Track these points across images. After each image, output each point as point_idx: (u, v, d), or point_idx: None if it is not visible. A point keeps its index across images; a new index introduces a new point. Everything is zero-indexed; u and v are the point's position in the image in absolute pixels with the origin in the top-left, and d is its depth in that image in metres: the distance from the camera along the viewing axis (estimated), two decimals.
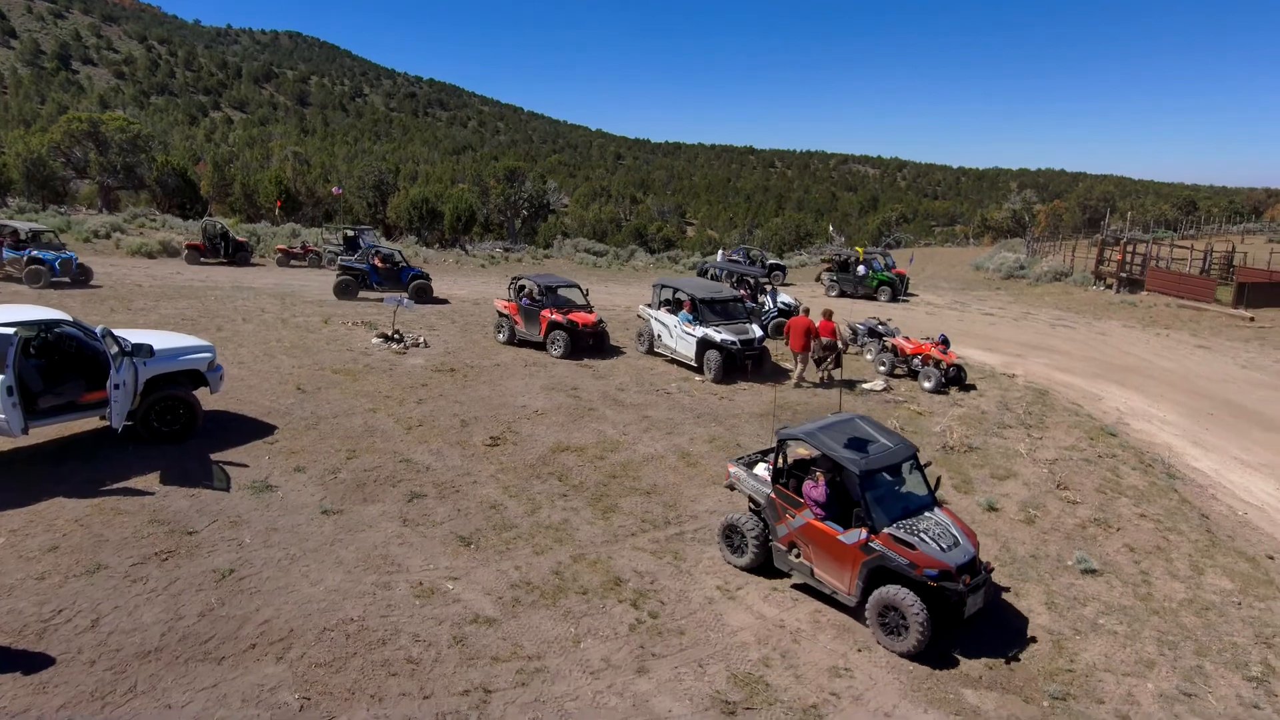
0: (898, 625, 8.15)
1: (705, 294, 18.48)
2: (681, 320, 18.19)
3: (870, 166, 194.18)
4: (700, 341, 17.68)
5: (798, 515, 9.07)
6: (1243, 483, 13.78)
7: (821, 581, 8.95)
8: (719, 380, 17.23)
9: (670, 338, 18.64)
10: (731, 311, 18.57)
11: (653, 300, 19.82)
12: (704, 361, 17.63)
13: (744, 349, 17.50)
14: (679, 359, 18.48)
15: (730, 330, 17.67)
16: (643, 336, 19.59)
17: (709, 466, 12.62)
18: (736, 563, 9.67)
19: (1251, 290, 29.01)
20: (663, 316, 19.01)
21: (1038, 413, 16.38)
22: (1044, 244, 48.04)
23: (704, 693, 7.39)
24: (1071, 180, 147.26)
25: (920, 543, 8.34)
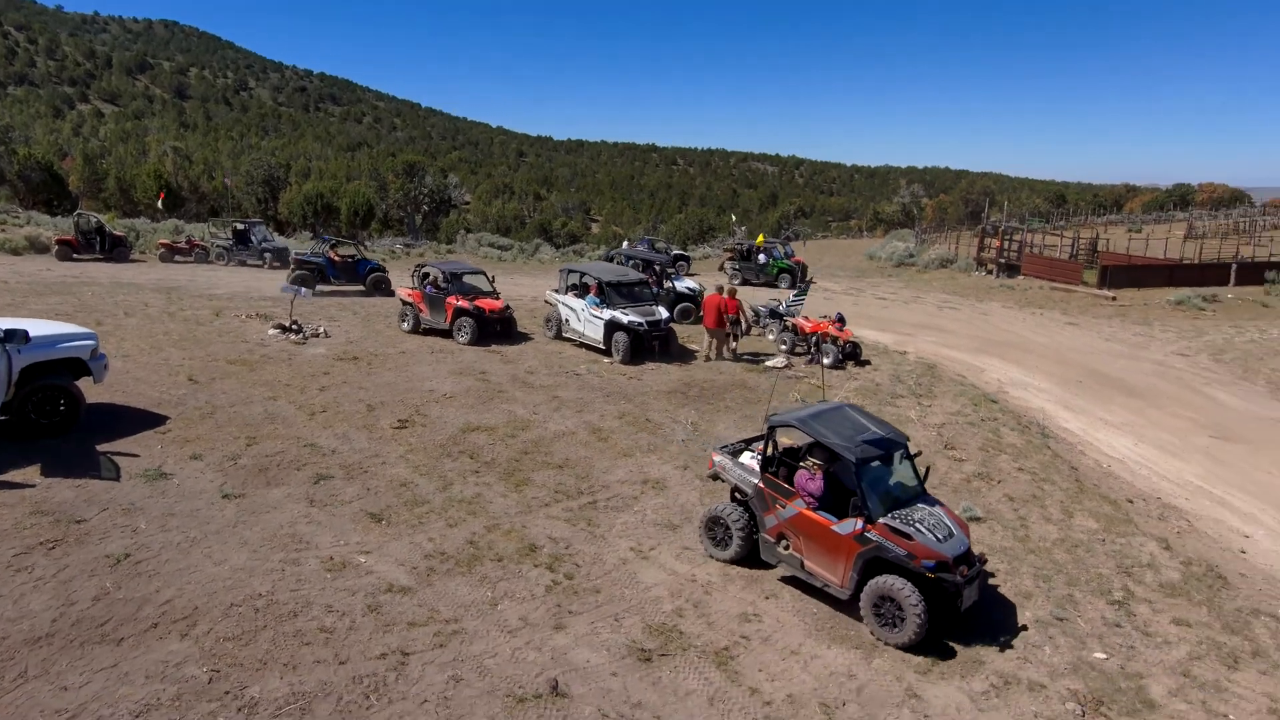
0: (894, 617, 7.91)
1: (611, 277, 18.70)
2: (589, 304, 18.30)
3: (769, 164, 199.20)
4: (608, 324, 17.85)
5: (789, 505, 8.73)
6: (1106, 440, 15.05)
7: (812, 574, 8.61)
8: (627, 362, 17.44)
9: (578, 322, 18.73)
10: (638, 294, 18.80)
11: (560, 286, 19.86)
12: (612, 343, 17.81)
13: (651, 330, 17.77)
14: (587, 342, 18.56)
15: (637, 312, 17.90)
16: (550, 322, 19.60)
17: (619, 441, 12.86)
18: (719, 556, 9.30)
19: (1113, 273, 31.49)
20: (570, 301, 19.06)
21: (927, 383, 17.38)
22: (931, 234, 50.60)
23: (621, 643, 7.61)
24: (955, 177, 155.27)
25: (917, 533, 8.09)
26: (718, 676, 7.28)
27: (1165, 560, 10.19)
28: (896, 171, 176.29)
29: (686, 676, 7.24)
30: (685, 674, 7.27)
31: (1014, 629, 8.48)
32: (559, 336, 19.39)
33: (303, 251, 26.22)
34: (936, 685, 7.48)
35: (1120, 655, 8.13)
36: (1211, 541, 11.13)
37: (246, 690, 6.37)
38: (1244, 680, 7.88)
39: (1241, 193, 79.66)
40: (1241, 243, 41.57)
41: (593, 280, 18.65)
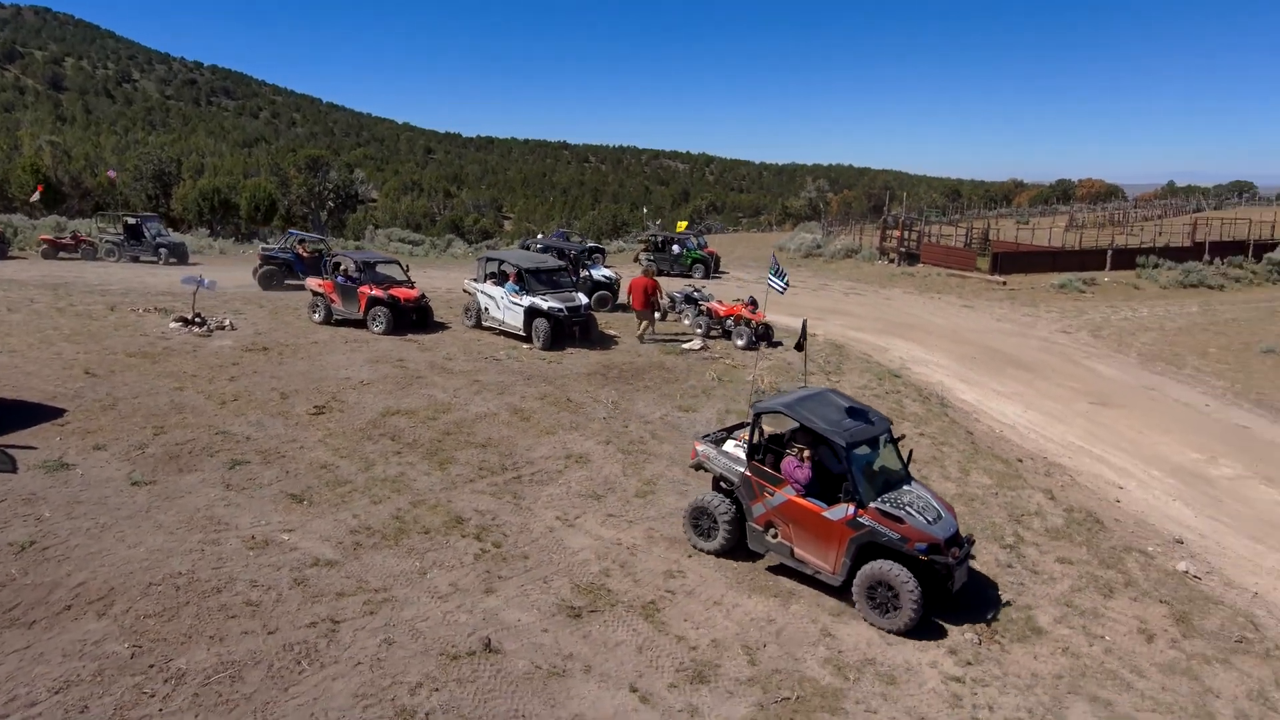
0: (888, 601, 7.84)
1: (530, 264, 18.61)
2: (508, 291, 18.23)
3: (680, 162, 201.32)
4: (527, 311, 17.82)
5: (777, 492, 8.57)
6: (998, 408, 16.13)
7: (803, 561, 8.50)
8: (548, 348, 17.48)
9: (498, 310, 18.60)
10: (557, 281, 18.78)
11: (478, 274, 19.67)
12: (532, 330, 17.81)
13: (570, 316, 17.83)
14: (507, 330, 18.45)
15: (556, 298, 17.91)
16: (469, 311, 19.41)
17: (541, 420, 13.01)
18: (704, 547, 9.09)
19: (1004, 260, 33.43)
20: (489, 289, 18.90)
21: (836, 361, 18.19)
22: (837, 227, 52.43)
23: (550, 603, 7.82)
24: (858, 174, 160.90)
25: (908, 516, 8.04)
26: (645, 628, 7.58)
27: (1050, 509, 11.09)
28: (803, 169, 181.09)
29: (615, 629, 7.51)
30: (614, 627, 7.55)
31: None
32: (478, 325, 19.17)
33: (270, 247, 25.74)
34: (848, 625, 7.99)
35: (1012, 591, 8.86)
36: (1090, 493, 12.16)
37: (172, 663, 6.28)
38: (1118, 607, 8.72)
39: (1116, 188, 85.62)
40: (1116, 233, 44.76)
41: (512, 268, 18.55)
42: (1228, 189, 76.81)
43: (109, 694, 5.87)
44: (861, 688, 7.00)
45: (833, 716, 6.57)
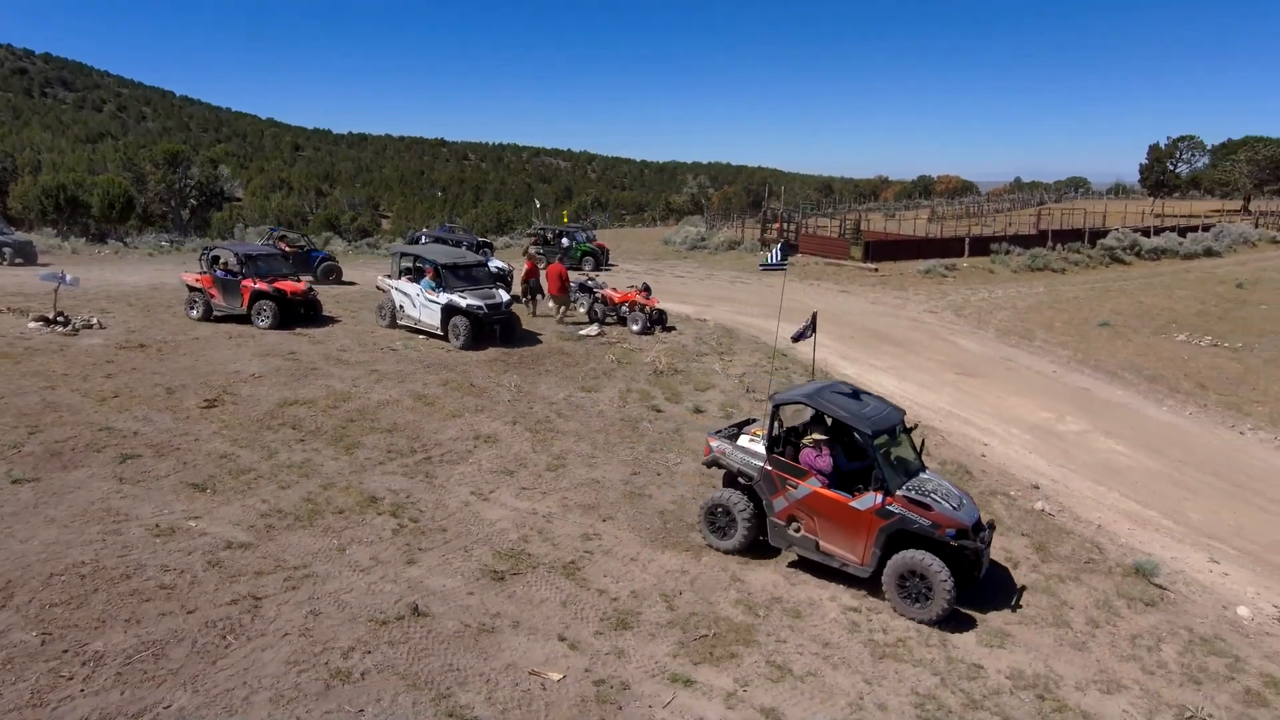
0: (920, 591, 7.75)
1: (448, 260, 17.66)
2: (424, 288, 17.32)
3: (562, 160, 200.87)
4: (445, 309, 16.95)
5: (801, 485, 8.37)
6: (877, 380, 17.36)
7: (829, 554, 8.32)
8: (469, 347, 16.58)
9: (414, 308, 17.64)
10: (476, 276, 17.90)
11: (392, 270, 18.65)
12: (450, 329, 16.96)
13: (491, 314, 16.90)
14: (425, 329, 17.51)
15: (476, 295, 17.02)
16: (383, 309, 18.36)
17: (446, 405, 13.05)
18: (722, 545, 8.85)
19: (875, 248, 35.57)
20: (404, 286, 17.87)
21: (726, 343, 19.02)
22: (719, 221, 54.07)
23: (473, 569, 8.03)
24: (736, 171, 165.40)
25: (935, 503, 7.98)
26: (568, 585, 7.92)
27: (927, 464, 12.16)
28: (683, 166, 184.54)
29: (539, 588, 7.82)
30: (538, 586, 7.84)
31: None
32: (394, 324, 18.11)
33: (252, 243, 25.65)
34: (755, 571, 8.61)
35: None
36: (960, 449, 13.38)
37: (88, 646, 6.11)
38: None
39: (971, 184, 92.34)
40: (972, 223, 48.38)
41: (428, 263, 17.61)
42: (1065, 184, 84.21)
43: (22, 680, 5.68)
44: (771, 622, 7.61)
45: (747, 648, 7.13)
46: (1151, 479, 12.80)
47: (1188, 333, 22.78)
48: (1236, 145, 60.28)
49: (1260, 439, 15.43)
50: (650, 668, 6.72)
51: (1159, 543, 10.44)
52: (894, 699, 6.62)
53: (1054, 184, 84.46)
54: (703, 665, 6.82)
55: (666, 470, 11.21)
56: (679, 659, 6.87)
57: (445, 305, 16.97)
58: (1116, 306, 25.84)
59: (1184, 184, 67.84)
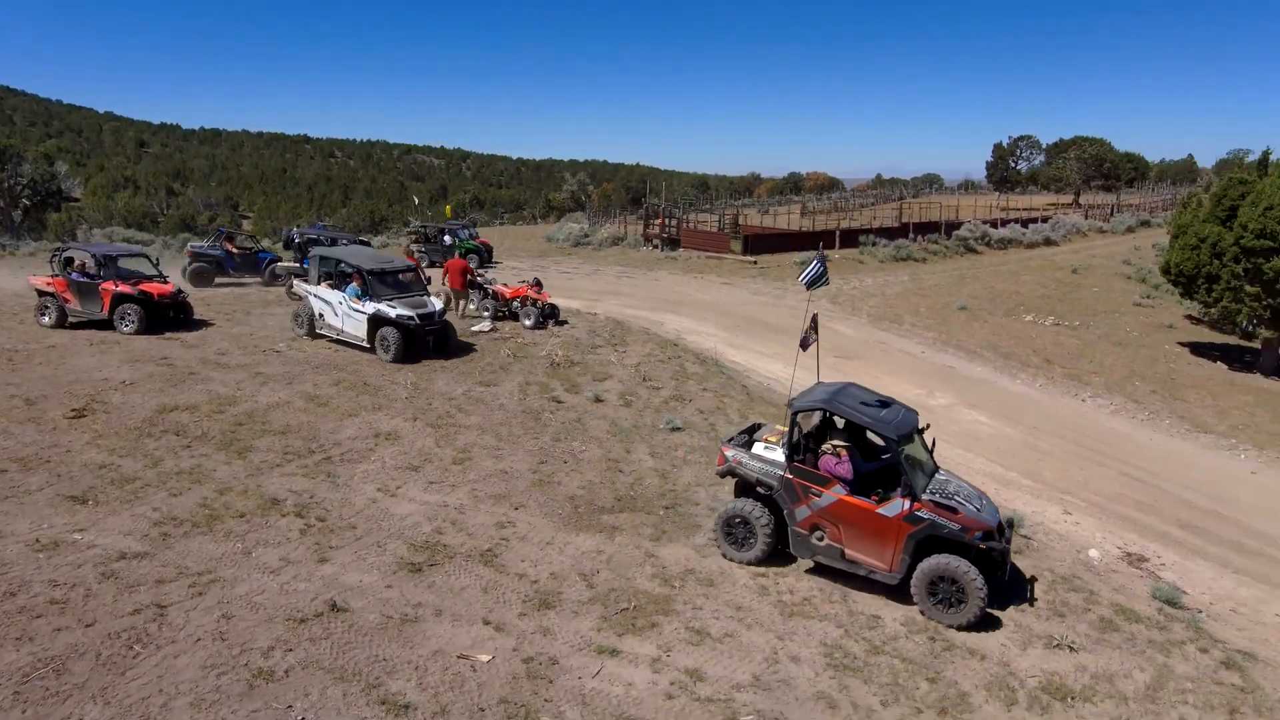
0: (952, 597, 7.67)
1: (375, 265, 16.30)
2: (349, 295, 15.88)
3: (435, 157, 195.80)
4: (372, 319, 15.55)
5: (825, 493, 8.16)
6: (763, 366, 18.17)
7: (855, 562, 8.16)
8: (400, 360, 15.23)
9: (335, 317, 16.17)
10: (406, 283, 16.65)
11: (311, 275, 17.10)
12: (378, 341, 15.55)
13: (424, 324, 15.68)
14: (348, 340, 16.12)
15: (406, 304, 15.72)
16: (300, 318, 16.90)
17: (341, 404, 12.71)
18: (740, 557, 8.57)
19: (753, 242, 36.92)
20: (324, 293, 16.39)
21: (619, 335, 19.35)
22: (601, 218, 54.47)
23: (389, 563, 7.96)
24: (614, 169, 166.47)
25: (960, 505, 7.90)
26: (487, 572, 8.00)
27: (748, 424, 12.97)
28: (560, 164, 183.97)
29: (458, 577, 7.86)
30: (457, 575, 7.88)
31: (720, 500, 10.32)
32: (312, 334, 16.70)
33: (199, 244, 25.33)
34: (668, 547, 8.96)
35: None
36: None
37: None
38: None
39: (837, 180, 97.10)
40: (840, 218, 50.97)
41: (352, 268, 16.14)
42: (922, 181, 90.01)
43: None
44: (686, 592, 7.97)
45: (666, 617, 7.45)
46: (1011, 444, 14.11)
47: (1034, 314, 25.03)
48: (1067, 145, 66.27)
49: (1098, 405, 17.26)
50: (576, 642, 6.93)
51: (1021, 499, 11.58)
52: (805, 651, 7.12)
53: (911, 180, 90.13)
54: (626, 636, 7.09)
55: (573, 458, 11.40)
56: (603, 632, 7.11)
57: (372, 315, 15.56)
58: (972, 292, 28.00)
59: (1024, 180, 73.93)
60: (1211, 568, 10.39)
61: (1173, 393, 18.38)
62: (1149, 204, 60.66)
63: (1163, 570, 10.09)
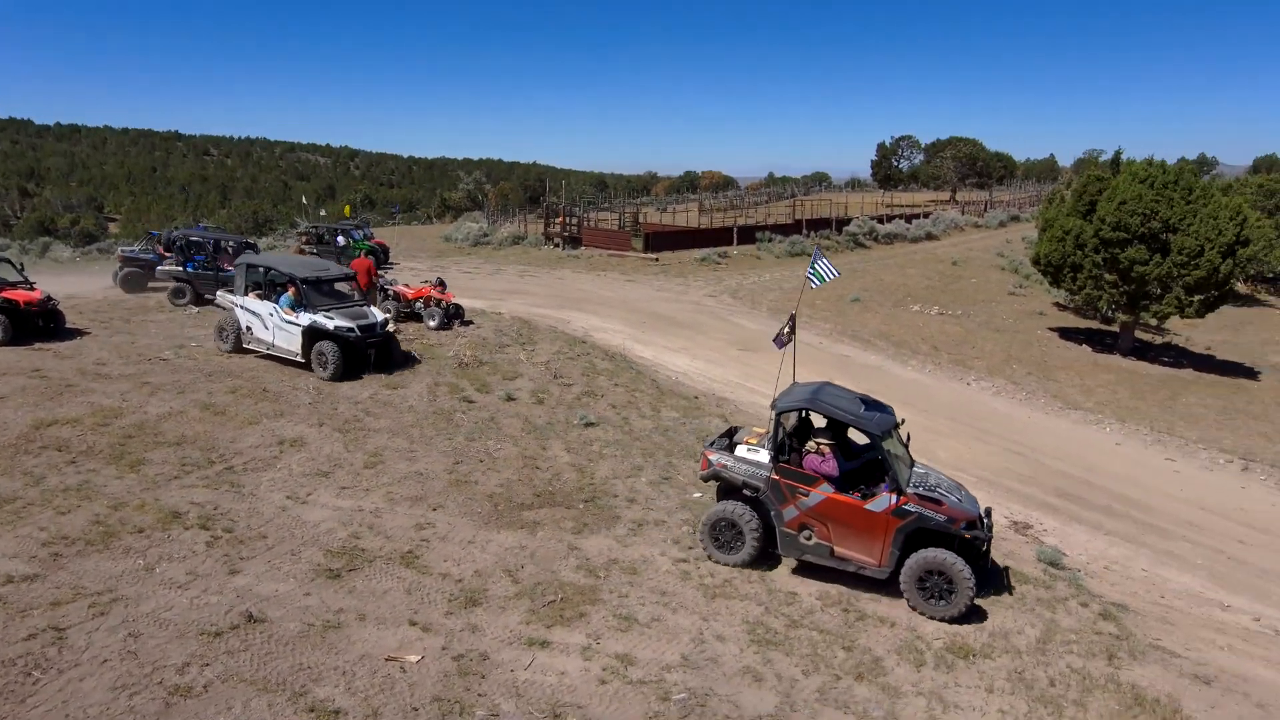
0: (941, 589, 7.81)
1: (308, 273, 15.03)
2: (281, 306, 14.69)
3: (321, 155, 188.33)
4: (307, 332, 14.39)
5: (812, 492, 8.22)
6: (671, 360, 18.52)
7: (845, 559, 8.24)
8: (339, 378, 14.12)
9: (265, 329, 14.96)
10: (343, 292, 15.70)
11: (237, 284, 15.68)
12: (314, 356, 14.37)
13: (365, 336, 14.57)
14: (278, 355, 14.92)
15: (345, 315, 14.55)
16: (224, 331, 15.53)
17: (239, 412, 12.18)
18: (728, 560, 8.54)
19: (654, 239, 37.40)
20: (252, 304, 15.11)
21: (526, 334, 19.27)
22: (499, 217, 53.85)
23: (305, 571, 7.74)
24: (509, 168, 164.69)
25: (943, 497, 8.04)
26: (409, 574, 7.89)
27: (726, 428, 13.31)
28: (454, 163, 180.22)
29: (380, 580, 7.72)
30: (378, 579, 7.75)
31: (637, 491, 10.51)
32: (239, 349, 15.39)
33: (130, 249, 24.37)
34: (590, 539, 9.07)
35: (709, 492, 10.65)
36: (752, 415, 14.73)
37: None
38: None
39: (731, 178, 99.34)
40: (737, 215, 52.22)
41: (284, 277, 14.96)
42: (811, 179, 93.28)
43: None
44: (611, 581, 8.11)
45: (593, 606, 7.57)
46: (907, 426, 14.90)
47: (920, 304, 26.48)
48: (944, 144, 70.18)
49: (981, 387, 18.47)
50: (506, 637, 6.95)
51: None
52: (729, 629, 7.39)
53: (802, 178, 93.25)
54: (555, 627, 7.16)
55: (489, 457, 11.33)
56: (532, 625, 7.16)
57: (308, 328, 14.35)
58: (863, 285, 29.33)
59: (906, 178, 77.72)
60: (1086, 531, 11.36)
61: (1046, 374, 19.87)
62: (1018, 200, 65.05)
63: (1045, 535, 10.97)
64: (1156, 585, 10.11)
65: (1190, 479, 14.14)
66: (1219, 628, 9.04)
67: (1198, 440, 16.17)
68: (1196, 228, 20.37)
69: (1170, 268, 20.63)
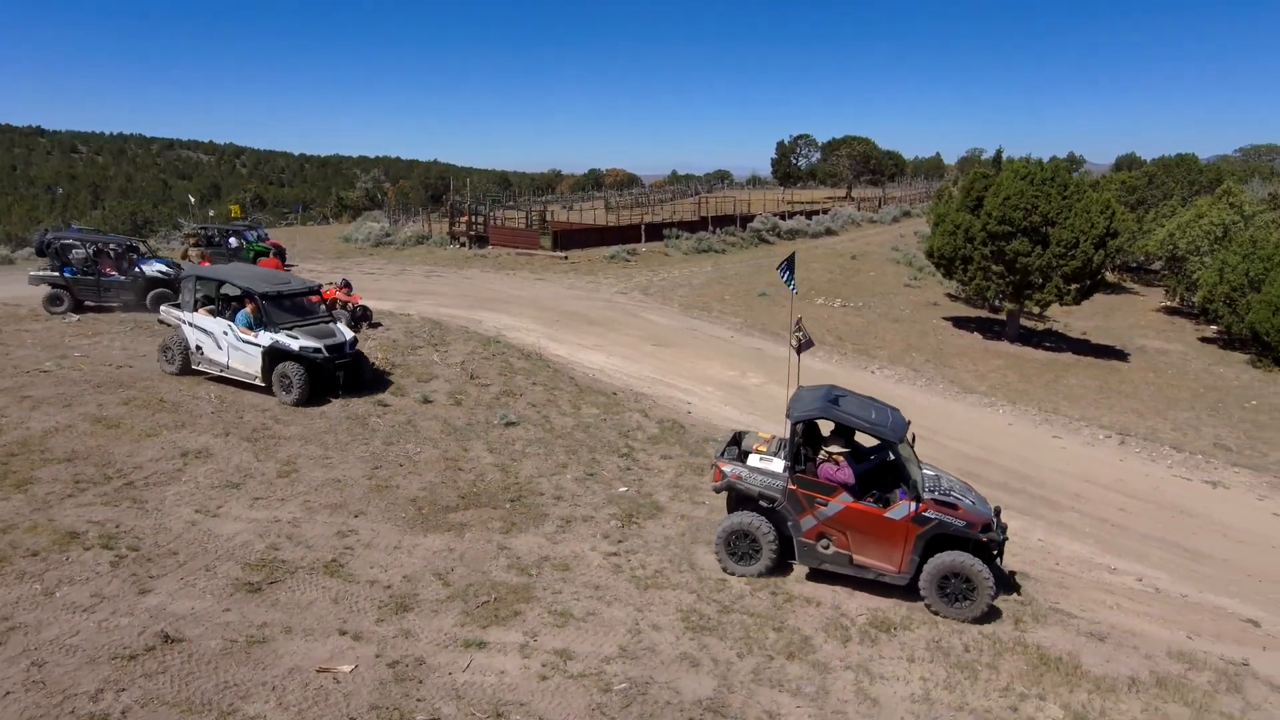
0: (962, 592, 7.87)
1: (268, 287, 13.62)
2: (238, 324, 13.41)
3: (203, 153, 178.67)
4: (269, 353, 13.18)
5: (831, 501, 8.17)
6: (586, 358, 18.56)
7: (864, 567, 8.23)
8: (305, 403, 12.94)
9: (218, 349, 13.63)
10: (306, 308, 14.28)
11: (184, 299, 14.26)
12: (276, 379, 13.13)
13: (334, 357, 13.36)
14: (233, 377, 13.59)
15: (310, 333, 13.33)
16: (169, 351, 14.07)
17: (135, 425, 11.48)
18: (744, 571, 8.44)
19: (563, 238, 37.27)
20: (203, 321, 13.76)
21: (438, 335, 18.91)
22: (402, 216, 52.47)
23: (222, 586, 7.40)
24: (407, 165, 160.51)
25: (958, 500, 8.07)
26: (334, 583, 7.66)
27: (646, 423, 13.47)
28: (349, 160, 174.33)
29: (304, 591, 7.47)
30: (302, 590, 7.49)
31: (563, 488, 10.51)
32: (187, 370, 14.00)
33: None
34: (519, 538, 9.02)
35: (634, 485, 10.78)
36: (670, 409, 14.96)
37: None
38: (708, 479, 11.18)
39: (635, 176, 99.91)
40: (643, 213, 52.64)
41: (240, 290, 13.68)
42: (714, 176, 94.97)
43: None
44: (543, 578, 8.11)
45: (528, 604, 7.55)
46: None
47: (824, 297, 27.43)
48: (839, 143, 72.75)
49: (885, 375, 19.31)
50: (441, 640, 6.85)
51: None
52: (664, 618, 7.51)
53: (704, 176, 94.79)
54: (491, 627, 7.11)
55: (409, 460, 11.09)
56: (467, 627, 7.08)
57: (269, 349, 13.16)
58: (770, 279, 30.07)
59: (805, 175, 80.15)
60: None
61: (942, 361, 20.95)
62: (909, 196, 68.13)
63: None
64: (1051, 553, 10.88)
65: (1075, 454, 15.23)
66: (1108, 589, 9.81)
67: (1079, 418, 17.42)
68: (1072, 221, 21.91)
69: (1050, 259, 22.11)
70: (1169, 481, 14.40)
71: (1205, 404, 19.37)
